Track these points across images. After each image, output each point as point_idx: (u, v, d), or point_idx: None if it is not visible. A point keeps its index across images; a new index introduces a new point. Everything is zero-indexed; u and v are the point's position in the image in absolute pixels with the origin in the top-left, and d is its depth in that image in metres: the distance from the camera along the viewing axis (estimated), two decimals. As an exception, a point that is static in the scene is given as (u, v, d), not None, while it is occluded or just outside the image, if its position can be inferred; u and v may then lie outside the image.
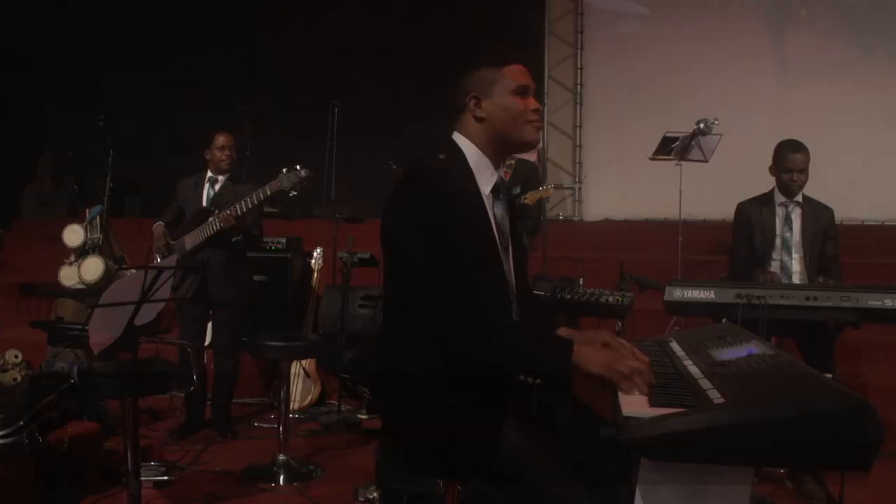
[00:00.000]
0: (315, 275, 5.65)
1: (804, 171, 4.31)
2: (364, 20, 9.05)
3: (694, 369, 2.07)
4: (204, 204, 4.94)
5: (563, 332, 2.34)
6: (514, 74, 2.22)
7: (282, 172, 4.57)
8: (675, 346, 2.42)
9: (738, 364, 2.02)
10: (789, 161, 4.29)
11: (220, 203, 4.87)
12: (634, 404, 1.83)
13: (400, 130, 8.14)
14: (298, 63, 9.11)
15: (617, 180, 8.67)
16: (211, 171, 5.01)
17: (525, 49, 8.77)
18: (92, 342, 3.07)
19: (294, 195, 4.62)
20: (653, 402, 1.83)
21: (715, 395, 1.77)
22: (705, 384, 1.89)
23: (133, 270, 3.59)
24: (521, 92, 2.21)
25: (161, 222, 4.96)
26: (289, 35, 9.33)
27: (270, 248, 6.08)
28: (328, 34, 9.07)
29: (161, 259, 4.87)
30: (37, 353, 5.09)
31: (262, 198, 4.59)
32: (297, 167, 4.53)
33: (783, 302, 3.58)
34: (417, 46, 8.71)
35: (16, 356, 4.81)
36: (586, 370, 2.00)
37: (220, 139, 4.98)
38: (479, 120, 2.22)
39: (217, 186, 4.98)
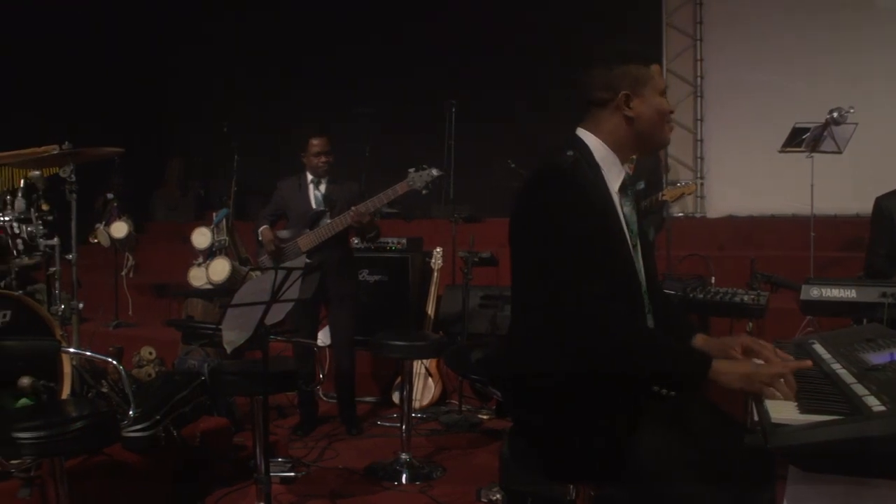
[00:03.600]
0: (435, 274, 5.67)
1: None
2: (479, 18, 9.03)
3: (844, 373, 1.95)
4: (313, 206, 4.96)
5: (700, 339, 2.27)
6: (658, 73, 2.20)
7: (411, 172, 4.57)
8: (818, 348, 2.28)
9: (894, 368, 1.89)
10: None
11: (331, 203, 4.92)
12: (784, 411, 1.73)
13: (518, 129, 8.08)
14: (416, 63, 9.17)
15: (740, 175, 8.35)
16: (310, 174, 5.01)
17: (642, 42, 8.57)
18: (225, 341, 3.16)
19: (426, 193, 4.61)
20: (803, 409, 1.73)
21: (873, 402, 1.65)
22: (860, 390, 1.77)
23: (259, 272, 3.68)
24: (664, 92, 2.20)
25: (266, 226, 5.01)
26: (406, 34, 9.41)
27: (391, 247, 6.13)
28: (445, 33, 9.09)
29: (268, 261, 4.96)
30: (168, 351, 5.30)
31: (392, 197, 4.61)
32: (426, 166, 4.53)
33: (934, 301, 3.34)
34: (533, 43, 8.63)
35: (150, 353, 5.02)
36: (727, 385, 1.93)
37: (316, 145, 4.92)
38: (628, 119, 2.17)
39: (322, 188, 4.99)
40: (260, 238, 4.99)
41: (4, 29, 8.62)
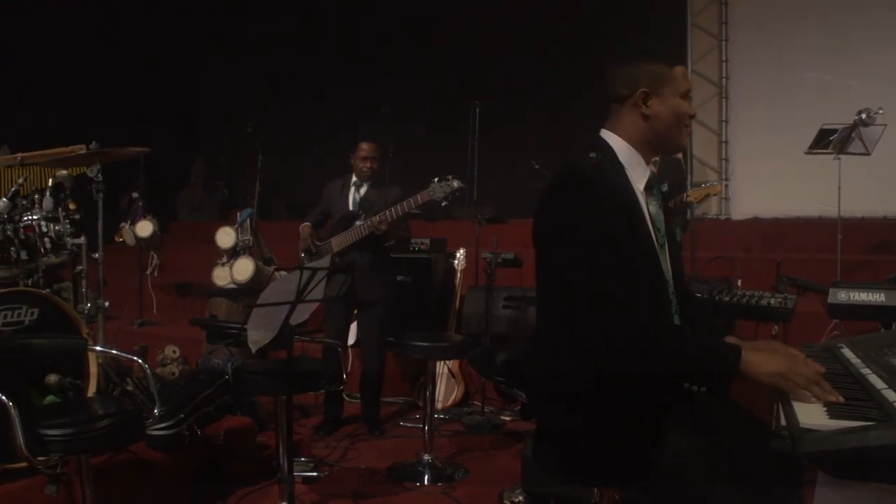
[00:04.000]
0: (458, 275, 5.66)
1: None
2: (503, 19, 9.02)
3: (874, 378, 1.92)
4: (350, 208, 5.01)
5: (731, 341, 2.23)
6: (683, 75, 2.15)
7: (434, 182, 4.56)
8: (847, 352, 2.25)
9: (926, 374, 1.86)
10: None
11: (367, 207, 4.94)
12: (812, 415, 1.70)
13: (542, 130, 8.06)
14: (439, 63, 9.18)
15: (766, 177, 8.26)
16: (355, 176, 5.07)
17: (667, 42, 8.51)
18: (250, 340, 3.17)
19: (446, 205, 4.61)
20: (832, 414, 1.70)
21: (904, 408, 1.63)
22: (891, 395, 1.74)
23: (284, 272, 3.69)
24: (687, 95, 2.15)
25: (308, 223, 5.10)
26: (430, 35, 9.41)
27: (414, 248, 6.14)
28: (469, 34, 9.10)
29: (306, 258, 5.01)
30: (192, 350, 5.33)
31: (412, 206, 4.60)
32: (449, 177, 4.52)
33: (965, 305, 3.29)
34: (557, 44, 8.61)
35: (174, 352, 5.06)
36: (757, 379, 1.89)
37: (363, 149, 4.99)
38: (644, 117, 2.14)
39: (363, 191, 5.03)
40: (301, 234, 5.08)
41: (33, 30, 8.73)
